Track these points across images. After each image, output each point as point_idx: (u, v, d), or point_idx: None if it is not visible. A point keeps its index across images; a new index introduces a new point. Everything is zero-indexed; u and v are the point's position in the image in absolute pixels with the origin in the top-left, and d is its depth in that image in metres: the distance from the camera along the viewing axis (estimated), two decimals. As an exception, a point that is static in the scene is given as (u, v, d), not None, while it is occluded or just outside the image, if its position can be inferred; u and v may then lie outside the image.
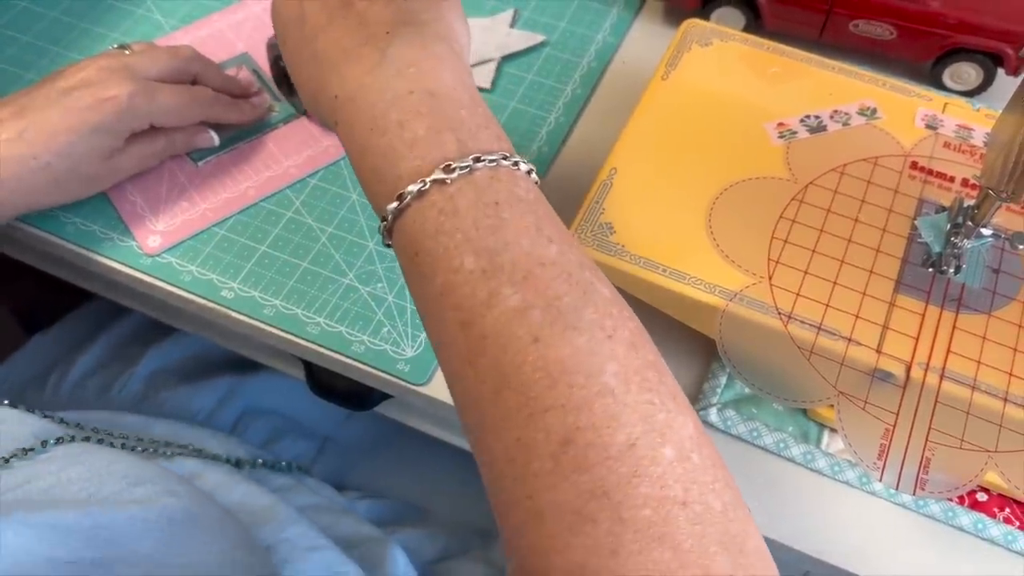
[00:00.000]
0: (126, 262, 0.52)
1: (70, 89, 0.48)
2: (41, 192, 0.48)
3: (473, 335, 0.32)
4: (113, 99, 0.48)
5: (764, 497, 0.45)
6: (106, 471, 0.41)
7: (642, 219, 0.46)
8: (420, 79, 0.35)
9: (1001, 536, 0.43)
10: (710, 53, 0.53)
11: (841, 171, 0.48)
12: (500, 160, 0.34)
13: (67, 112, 0.47)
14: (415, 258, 0.34)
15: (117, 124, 0.49)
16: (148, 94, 0.49)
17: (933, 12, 0.56)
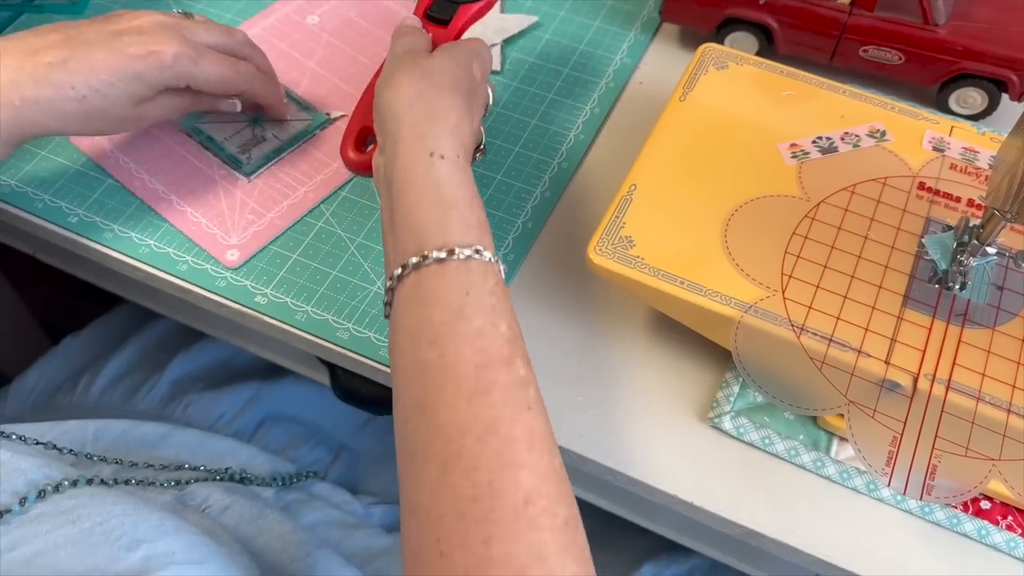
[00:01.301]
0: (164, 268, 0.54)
1: (121, 33, 0.49)
2: (71, 121, 0.49)
3: (486, 378, 0.38)
4: (159, 53, 0.49)
5: (776, 502, 0.46)
6: (100, 531, 0.39)
7: (661, 233, 0.48)
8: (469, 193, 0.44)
9: (1004, 543, 0.44)
10: (726, 76, 0.55)
11: (851, 190, 0.50)
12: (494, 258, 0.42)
13: (113, 54, 0.48)
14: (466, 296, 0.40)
15: (157, 77, 0.50)
16: (193, 58, 0.50)
17: (940, 39, 0.58)
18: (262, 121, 0.60)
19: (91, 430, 0.55)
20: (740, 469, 0.47)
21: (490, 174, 0.58)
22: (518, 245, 0.55)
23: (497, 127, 0.61)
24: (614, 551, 0.63)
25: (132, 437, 0.56)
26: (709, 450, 0.48)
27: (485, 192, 0.57)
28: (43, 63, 0.47)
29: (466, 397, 0.37)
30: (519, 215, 0.56)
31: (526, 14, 0.66)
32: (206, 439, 0.60)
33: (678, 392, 0.50)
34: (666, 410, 0.49)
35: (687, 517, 0.48)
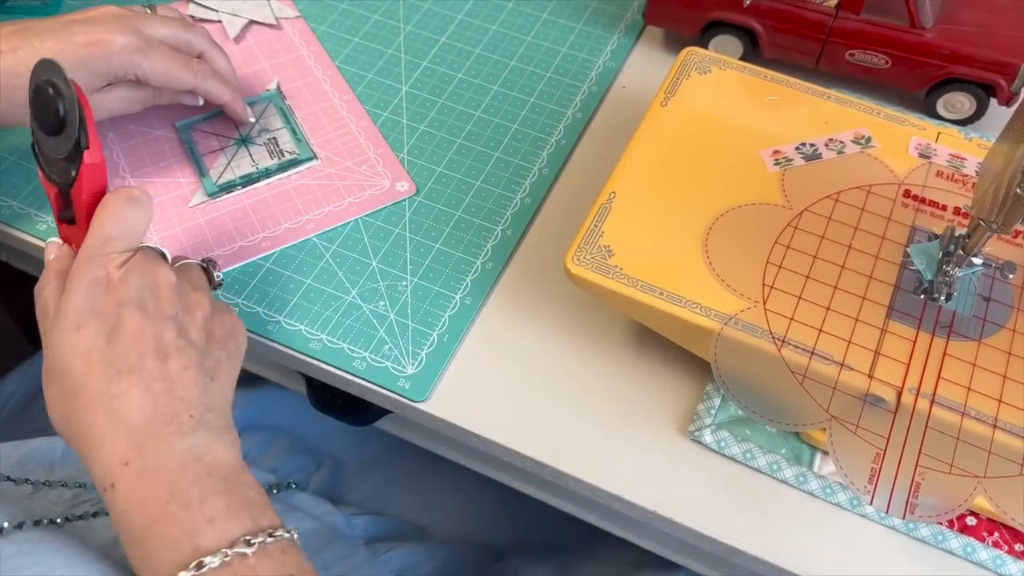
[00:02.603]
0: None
1: (72, 23, 0.49)
2: (20, 109, 0.48)
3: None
4: (105, 42, 0.49)
5: (757, 518, 0.45)
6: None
7: (640, 242, 0.46)
8: (216, 466, 0.38)
9: (990, 560, 0.43)
10: (708, 80, 0.54)
11: (835, 198, 0.49)
12: (283, 534, 0.38)
13: (60, 42, 0.48)
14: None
15: (103, 66, 0.49)
16: (142, 49, 0.50)
17: (927, 43, 0.57)
18: (251, 143, 0.59)
19: (59, 447, 0.53)
20: (721, 484, 0.46)
21: (469, 180, 0.57)
22: (497, 253, 0.54)
23: (478, 132, 0.60)
24: (598, 563, 0.62)
25: None
26: (689, 464, 0.47)
27: (464, 197, 0.56)
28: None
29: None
30: (499, 222, 0.55)
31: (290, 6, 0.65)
32: None
33: (658, 405, 0.49)
34: (646, 423, 0.48)
35: (667, 532, 0.47)
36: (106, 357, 0.38)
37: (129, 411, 0.37)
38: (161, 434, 0.37)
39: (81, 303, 0.39)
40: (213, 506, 0.37)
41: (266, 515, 0.38)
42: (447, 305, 0.52)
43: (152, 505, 0.36)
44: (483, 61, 0.64)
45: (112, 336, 0.39)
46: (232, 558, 0.35)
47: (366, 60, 0.64)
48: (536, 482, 0.56)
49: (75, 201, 0.42)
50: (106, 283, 0.40)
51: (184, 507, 0.36)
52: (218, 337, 0.42)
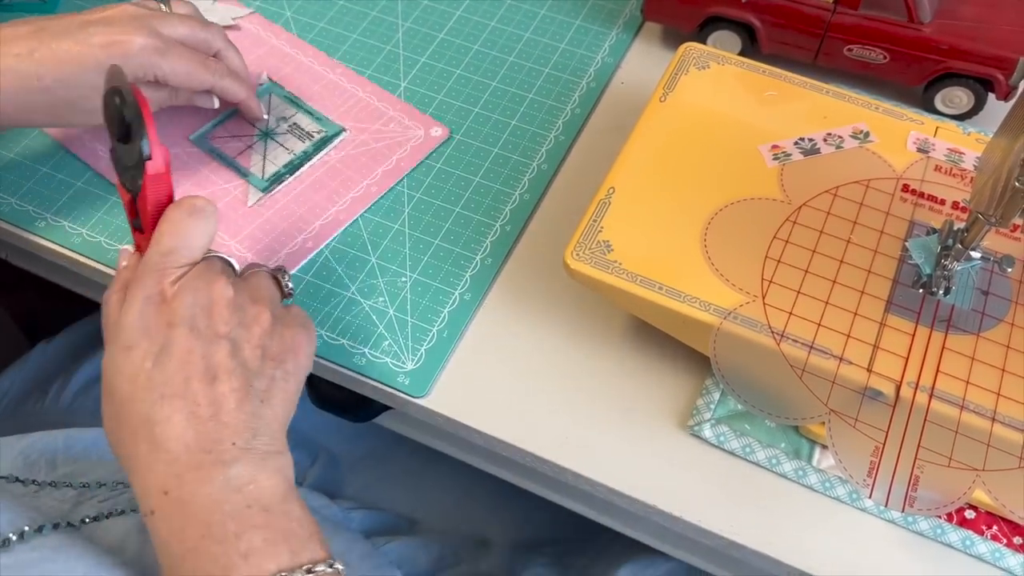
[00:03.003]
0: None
1: (89, 23, 0.49)
2: (38, 112, 0.48)
3: None
4: (124, 43, 0.48)
5: (756, 512, 0.45)
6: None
7: (639, 238, 0.46)
8: (257, 496, 0.37)
9: (988, 553, 0.43)
10: (707, 76, 0.54)
11: (834, 193, 0.49)
12: (325, 568, 0.36)
13: (79, 44, 0.48)
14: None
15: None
16: (160, 50, 0.50)
17: (925, 37, 0.57)
18: (274, 135, 0.59)
19: (61, 440, 0.53)
20: (720, 478, 0.46)
21: (467, 176, 0.57)
22: (496, 249, 0.54)
23: (475, 128, 0.60)
24: (592, 553, 0.62)
25: (103, 446, 0.55)
26: (689, 459, 0.47)
27: (463, 193, 0.56)
28: (10, 54, 0.47)
29: None
30: (498, 218, 0.55)
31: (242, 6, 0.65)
32: None
33: (658, 399, 0.49)
34: (645, 418, 0.48)
35: (667, 525, 0.47)
36: (151, 381, 0.37)
37: (170, 439, 0.37)
38: (201, 463, 0.36)
39: (134, 321, 0.38)
40: (249, 541, 0.36)
41: (307, 548, 0.37)
42: (446, 301, 0.52)
43: (189, 537, 0.36)
44: (481, 57, 0.64)
45: (159, 358, 0.38)
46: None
47: (364, 56, 0.64)
48: (535, 477, 0.56)
49: (140, 209, 0.41)
50: (159, 300, 0.39)
51: (219, 542, 0.35)
52: (274, 354, 0.40)
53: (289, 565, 0.36)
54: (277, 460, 0.38)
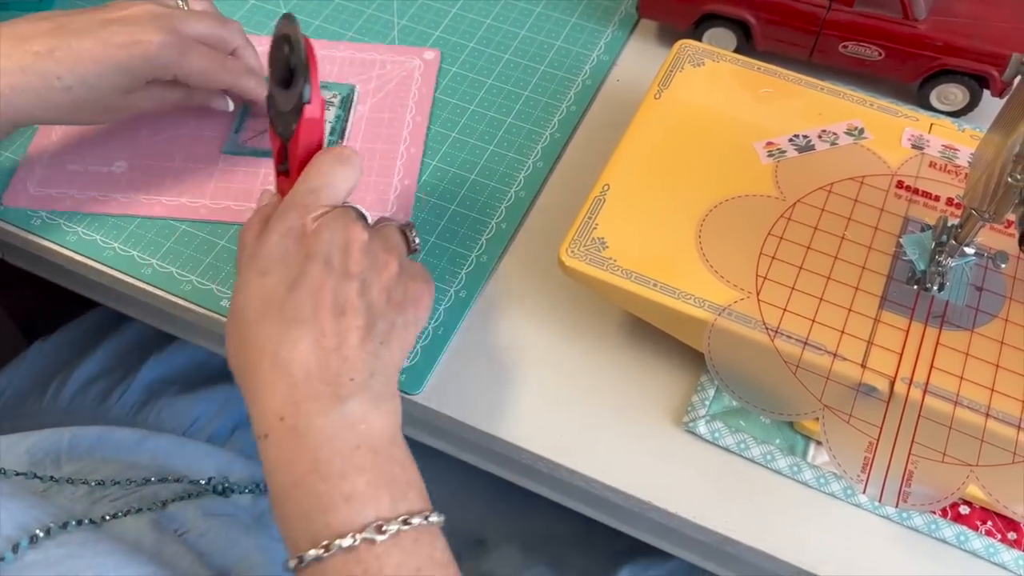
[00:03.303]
0: (127, 271, 0.53)
1: (109, 22, 0.48)
2: (59, 110, 0.48)
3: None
4: (145, 43, 0.48)
5: (751, 508, 0.45)
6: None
7: (634, 234, 0.47)
8: (368, 436, 0.37)
9: (983, 548, 0.44)
10: (702, 73, 0.54)
11: (828, 190, 0.49)
12: (422, 520, 0.36)
13: (100, 43, 0.47)
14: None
15: (141, 68, 0.49)
16: (180, 50, 0.49)
17: (920, 34, 0.57)
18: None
19: (66, 437, 0.53)
20: (715, 474, 0.47)
21: (463, 173, 0.57)
22: (491, 246, 0.54)
23: (471, 125, 0.60)
24: (592, 553, 0.62)
25: (108, 444, 0.55)
26: (684, 455, 0.47)
27: (458, 191, 0.56)
28: (30, 52, 0.46)
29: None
30: (493, 216, 0.55)
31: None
32: (182, 444, 0.59)
33: (653, 396, 0.49)
34: (640, 414, 0.48)
35: (662, 522, 0.47)
36: (283, 305, 0.38)
37: (294, 362, 0.37)
38: (319, 394, 0.37)
39: (272, 249, 0.40)
40: (353, 483, 0.36)
41: (407, 496, 0.37)
42: (442, 298, 0.52)
43: (296, 469, 0.36)
44: (477, 55, 0.64)
45: (293, 286, 0.39)
46: (359, 544, 0.35)
47: (360, 54, 0.64)
48: (532, 475, 0.56)
49: (291, 153, 0.43)
50: (299, 233, 0.40)
51: (324, 479, 0.36)
52: (398, 301, 0.41)
53: (388, 514, 0.36)
54: (390, 403, 0.39)
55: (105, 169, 0.56)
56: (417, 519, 0.36)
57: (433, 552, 0.36)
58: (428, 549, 0.36)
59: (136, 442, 0.56)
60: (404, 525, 0.36)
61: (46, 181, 0.56)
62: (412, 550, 0.36)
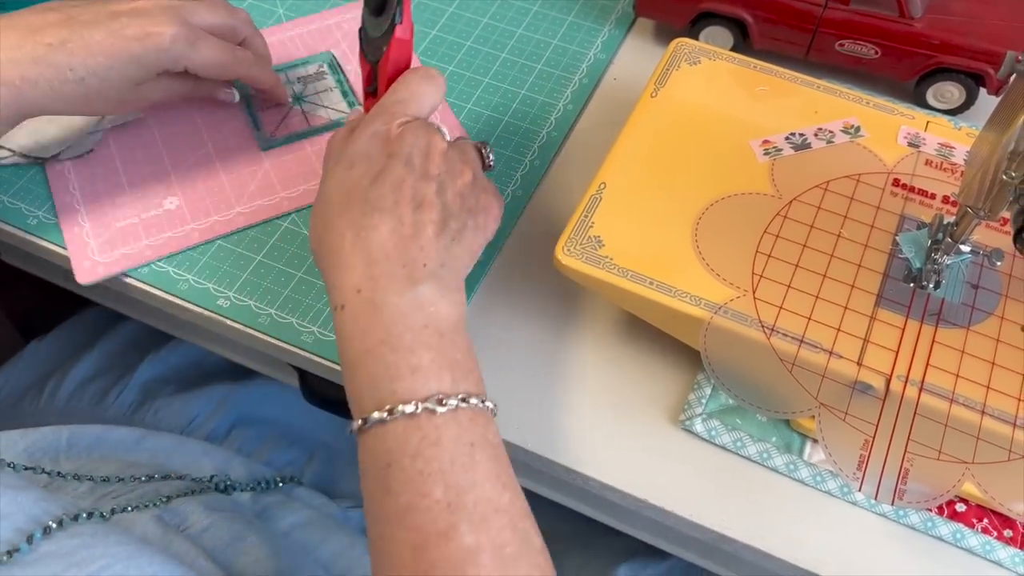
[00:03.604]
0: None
1: (119, 14, 0.48)
2: (70, 101, 0.49)
3: (424, 560, 0.35)
4: (157, 35, 0.48)
5: (748, 506, 0.45)
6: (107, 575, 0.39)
7: (630, 233, 0.47)
8: (436, 318, 0.40)
9: (979, 546, 0.44)
10: (698, 71, 0.54)
11: (824, 188, 0.49)
12: (478, 402, 0.38)
13: (111, 35, 0.48)
14: (386, 468, 0.37)
15: (154, 60, 0.49)
16: (191, 41, 0.50)
17: (916, 32, 0.57)
18: (304, 101, 0.61)
19: (64, 436, 0.54)
20: (712, 472, 0.47)
21: (460, 172, 0.57)
22: (488, 245, 0.54)
23: (468, 124, 0.60)
24: (590, 552, 0.62)
25: (107, 442, 0.55)
26: (680, 453, 0.47)
27: (455, 191, 0.56)
28: (42, 43, 0.47)
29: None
30: (489, 214, 0.55)
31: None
32: (181, 442, 0.59)
33: (649, 394, 0.49)
34: (637, 413, 0.48)
35: (659, 521, 0.47)
36: (366, 194, 0.41)
37: (373, 242, 0.40)
38: (395, 275, 0.39)
39: (359, 147, 0.42)
40: (420, 357, 0.38)
41: (467, 379, 0.39)
42: (438, 297, 0.52)
43: (369, 338, 0.39)
44: (474, 54, 0.64)
45: (377, 179, 0.41)
46: (421, 412, 0.37)
47: (357, 53, 0.64)
48: (529, 473, 0.56)
49: (380, 73, 0.46)
50: (384, 136, 0.43)
51: (393, 350, 0.38)
52: (470, 207, 0.43)
53: (448, 390, 0.38)
54: (456, 295, 0.41)
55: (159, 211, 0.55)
56: (475, 400, 0.38)
57: (487, 433, 0.38)
58: (482, 429, 0.38)
59: (135, 441, 0.56)
60: (463, 403, 0.38)
61: (108, 247, 0.53)
62: (468, 427, 0.38)
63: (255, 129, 0.59)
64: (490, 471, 0.37)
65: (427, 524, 0.35)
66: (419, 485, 0.36)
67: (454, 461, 0.36)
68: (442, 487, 0.36)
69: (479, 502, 0.36)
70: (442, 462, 0.36)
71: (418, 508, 0.36)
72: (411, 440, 0.37)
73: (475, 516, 0.35)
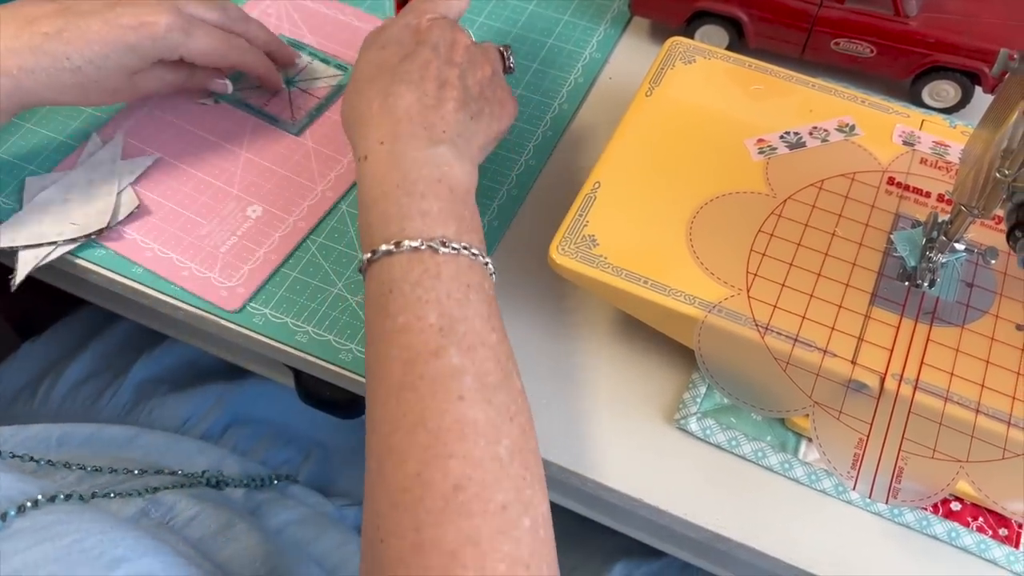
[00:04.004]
0: (117, 270, 0.53)
1: (115, 4, 0.50)
2: (67, 91, 0.50)
3: (412, 372, 0.38)
4: (152, 24, 0.50)
5: (742, 505, 0.45)
6: (79, 548, 0.38)
7: (625, 232, 0.46)
8: (449, 176, 0.43)
9: (974, 545, 0.44)
10: (693, 70, 0.54)
11: (819, 186, 0.49)
12: (479, 256, 0.42)
13: (107, 24, 0.49)
14: (388, 294, 0.40)
15: (149, 49, 0.50)
16: (185, 29, 0.51)
17: (911, 31, 0.57)
18: (295, 84, 0.61)
19: (55, 435, 0.53)
20: (707, 471, 0.47)
21: (455, 172, 0.57)
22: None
23: (463, 124, 0.60)
24: (586, 551, 0.62)
25: (99, 440, 0.55)
26: (675, 452, 0.47)
27: (450, 190, 0.56)
28: (39, 32, 0.48)
29: (394, 394, 0.38)
30: (485, 213, 0.55)
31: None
32: (176, 441, 0.59)
33: (644, 393, 0.49)
34: (632, 412, 0.48)
35: (654, 520, 0.47)
36: (395, 69, 0.45)
37: (398, 107, 0.43)
38: (416, 133, 0.43)
39: (391, 34, 0.47)
40: (430, 204, 0.41)
41: (470, 233, 0.42)
42: (433, 296, 0.52)
43: (386, 182, 0.42)
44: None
45: (406, 58, 0.45)
46: (425, 249, 0.40)
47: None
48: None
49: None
50: (415, 27, 0.47)
51: (407, 194, 0.41)
52: (488, 96, 0.47)
53: (453, 237, 0.41)
54: (469, 165, 0.45)
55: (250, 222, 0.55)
56: (476, 251, 0.41)
57: (483, 282, 0.41)
58: (479, 277, 0.41)
59: (128, 439, 0.56)
60: (464, 250, 0.41)
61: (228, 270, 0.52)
62: (466, 271, 0.41)
63: (274, 122, 0.59)
64: (481, 311, 0.40)
65: (419, 343, 0.38)
66: (416, 309, 0.39)
67: (450, 295, 0.39)
68: (436, 314, 0.39)
69: (469, 333, 0.39)
70: (439, 292, 0.39)
71: (412, 329, 0.38)
72: (414, 270, 0.40)
73: (464, 343, 0.38)
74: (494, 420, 0.37)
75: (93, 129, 0.58)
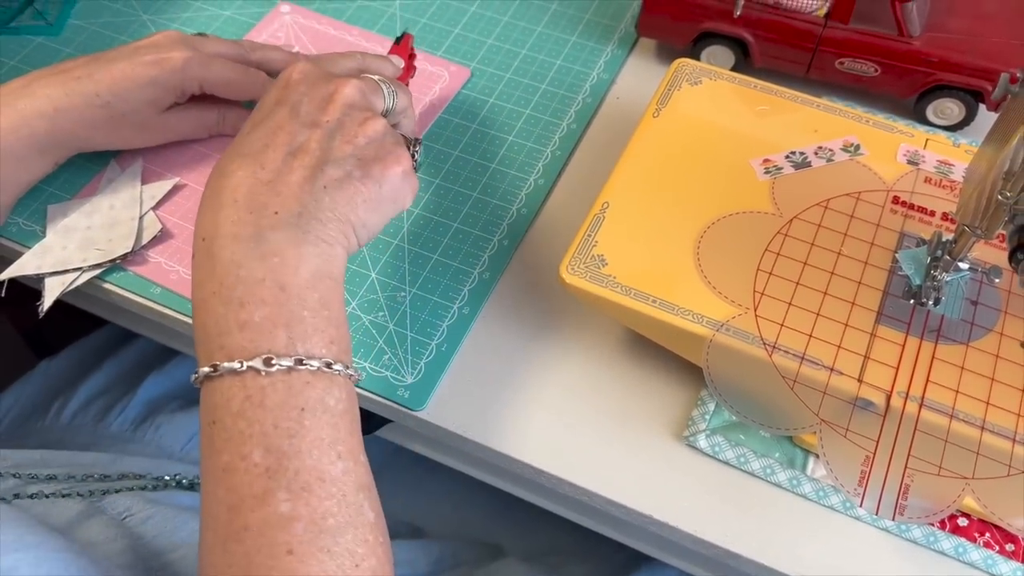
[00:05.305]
0: (138, 292, 0.54)
1: (139, 48, 0.54)
2: (100, 129, 0.53)
3: (236, 522, 0.34)
4: (171, 59, 0.53)
5: (752, 521, 0.46)
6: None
7: (633, 252, 0.47)
8: (279, 270, 0.37)
9: (981, 560, 0.44)
10: (700, 91, 0.55)
11: (825, 206, 0.49)
12: (322, 367, 0.36)
13: (131, 64, 0.53)
14: (212, 425, 0.36)
15: (170, 80, 0.53)
16: (203, 62, 0.54)
17: (915, 50, 0.58)
18: None
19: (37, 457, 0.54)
20: (716, 488, 0.47)
21: (465, 191, 0.58)
22: (493, 263, 0.55)
23: (473, 144, 0.61)
24: (593, 565, 0.63)
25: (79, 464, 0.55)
26: (685, 469, 0.48)
27: (461, 208, 0.57)
28: (72, 78, 0.52)
29: (220, 543, 0.34)
30: (495, 233, 0.56)
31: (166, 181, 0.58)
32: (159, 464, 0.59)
33: (653, 411, 0.49)
34: (641, 429, 0.49)
35: (663, 535, 0.47)
36: (239, 143, 0.42)
37: (226, 190, 0.39)
38: (240, 221, 0.38)
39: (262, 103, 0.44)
40: (250, 312, 0.36)
41: (310, 339, 0.37)
42: (445, 315, 0.52)
43: (205, 289, 0.38)
44: (479, 75, 0.65)
45: (254, 127, 0.42)
46: (245, 371, 0.35)
47: (364, 74, 0.65)
48: (534, 488, 0.56)
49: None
50: (283, 85, 0.44)
51: (224, 303, 0.37)
52: (365, 156, 0.42)
53: (282, 350, 0.36)
54: (317, 247, 0.39)
55: None
56: (315, 363, 0.36)
57: (326, 397, 0.36)
58: (320, 394, 0.36)
59: (109, 461, 0.56)
60: (299, 365, 0.36)
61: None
62: (300, 390, 0.36)
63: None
64: (322, 437, 0.35)
65: (243, 487, 0.34)
66: (239, 446, 0.35)
67: (277, 425, 0.35)
68: (262, 451, 0.34)
69: (302, 470, 0.34)
70: (264, 425, 0.35)
71: (236, 469, 0.34)
72: (235, 399, 0.35)
73: (295, 484, 0.34)
74: (333, 573, 0.33)
75: (111, 156, 0.59)
